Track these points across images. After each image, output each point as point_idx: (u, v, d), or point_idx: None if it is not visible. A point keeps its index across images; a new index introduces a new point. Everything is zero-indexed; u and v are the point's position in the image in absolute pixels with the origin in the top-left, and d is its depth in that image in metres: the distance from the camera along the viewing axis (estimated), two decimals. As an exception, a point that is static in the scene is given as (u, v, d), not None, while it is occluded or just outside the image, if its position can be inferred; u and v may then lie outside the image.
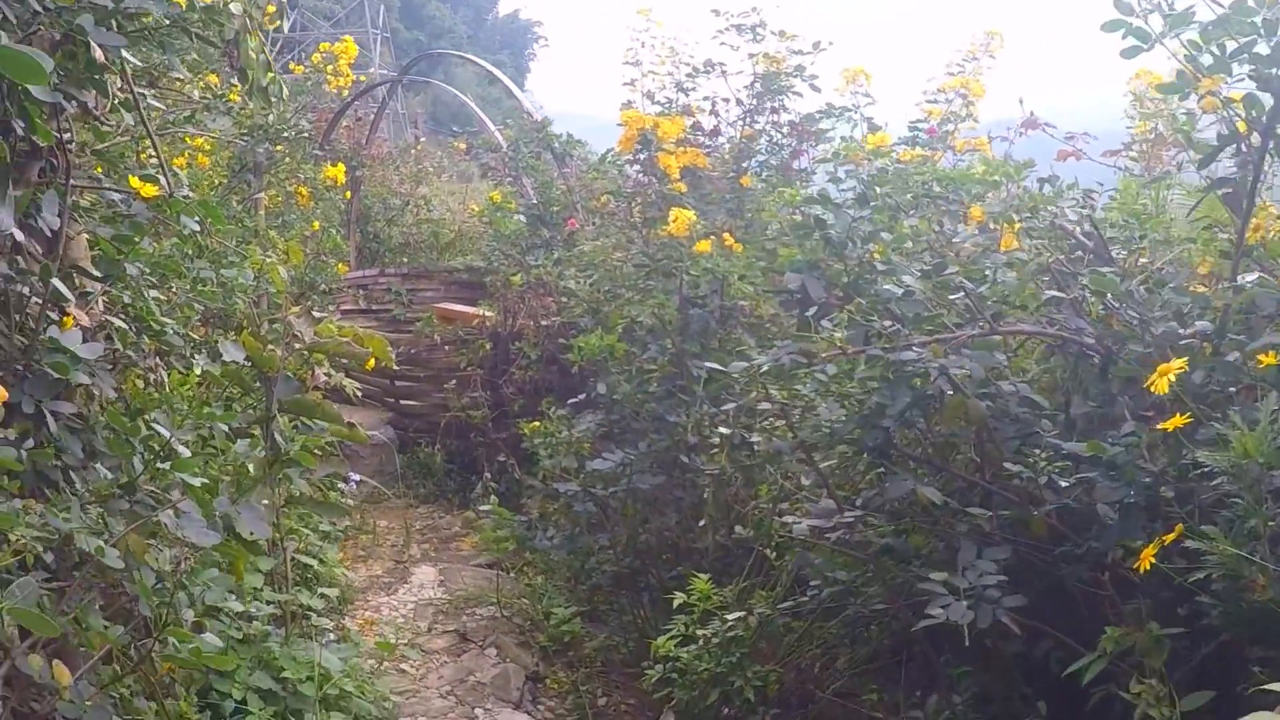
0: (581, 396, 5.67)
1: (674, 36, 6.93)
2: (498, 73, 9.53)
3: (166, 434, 2.39)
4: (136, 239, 2.64)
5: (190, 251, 3.42)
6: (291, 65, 6.21)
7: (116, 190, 2.52)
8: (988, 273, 3.20)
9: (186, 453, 2.47)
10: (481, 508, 6.33)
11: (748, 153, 6.79)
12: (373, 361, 7.22)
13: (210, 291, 3.48)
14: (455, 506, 8.51)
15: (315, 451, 4.31)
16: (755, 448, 3.63)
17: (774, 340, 5.43)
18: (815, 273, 2.91)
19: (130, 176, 2.45)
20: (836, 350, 2.75)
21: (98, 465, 2.35)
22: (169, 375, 3.02)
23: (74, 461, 2.46)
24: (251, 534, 2.56)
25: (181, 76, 4.61)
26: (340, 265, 10.81)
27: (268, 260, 4.46)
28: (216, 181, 6.33)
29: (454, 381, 8.22)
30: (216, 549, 2.50)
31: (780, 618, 3.93)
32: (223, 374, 4.32)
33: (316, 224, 7.03)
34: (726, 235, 5.83)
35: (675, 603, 4.15)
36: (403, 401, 8.83)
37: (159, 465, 2.33)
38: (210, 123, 4.23)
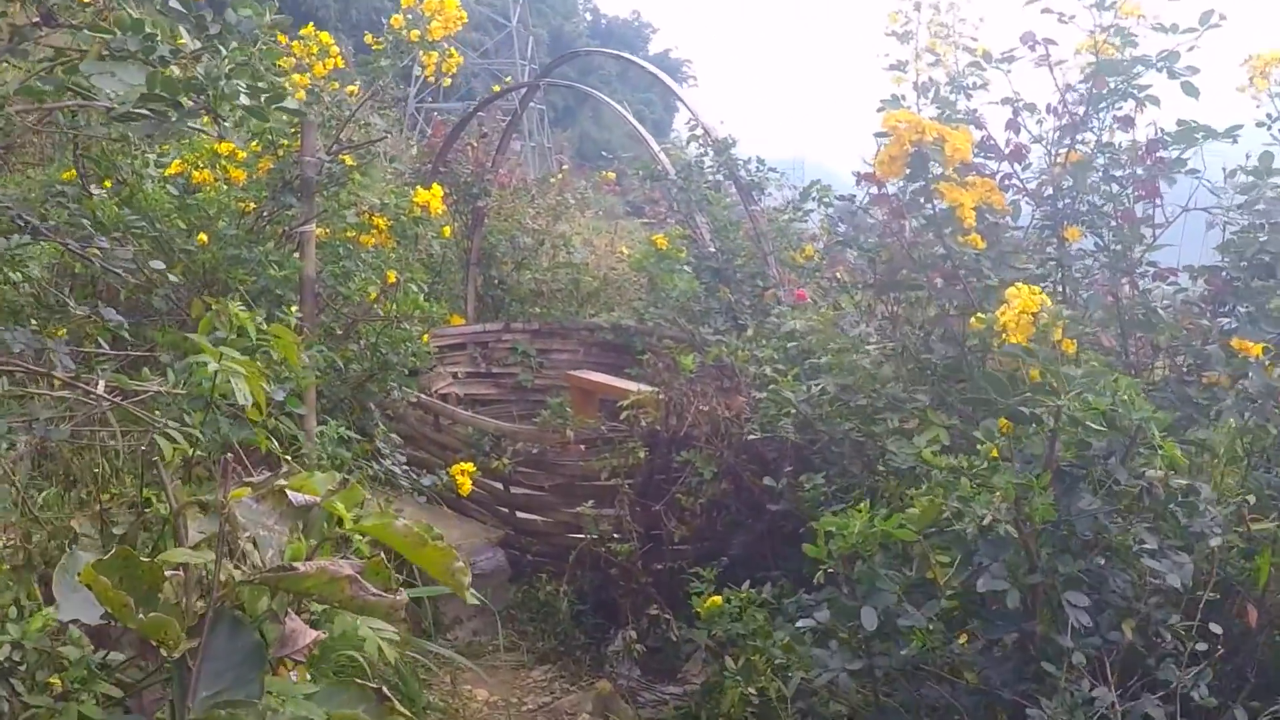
0: (814, 604, 3.16)
1: (951, 3, 4.46)
2: (661, 74, 7.16)
3: None
4: None
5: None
6: (367, 37, 3.86)
7: None
8: None
9: None
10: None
11: (1070, 188, 4.24)
12: (467, 485, 4.90)
13: None
14: (585, 670, 6.04)
15: None
16: None
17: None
18: None
19: None
20: None
21: None
22: None
23: None
24: None
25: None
26: (455, 317, 8.61)
27: (222, 363, 2.11)
28: (247, 206, 4.04)
29: (590, 500, 5.80)
30: None
31: None
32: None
33: (393, 274, 4.67)
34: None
35: None
36: (519, 515, 6.43)
37: None
38: (96, 78, 1.95)
